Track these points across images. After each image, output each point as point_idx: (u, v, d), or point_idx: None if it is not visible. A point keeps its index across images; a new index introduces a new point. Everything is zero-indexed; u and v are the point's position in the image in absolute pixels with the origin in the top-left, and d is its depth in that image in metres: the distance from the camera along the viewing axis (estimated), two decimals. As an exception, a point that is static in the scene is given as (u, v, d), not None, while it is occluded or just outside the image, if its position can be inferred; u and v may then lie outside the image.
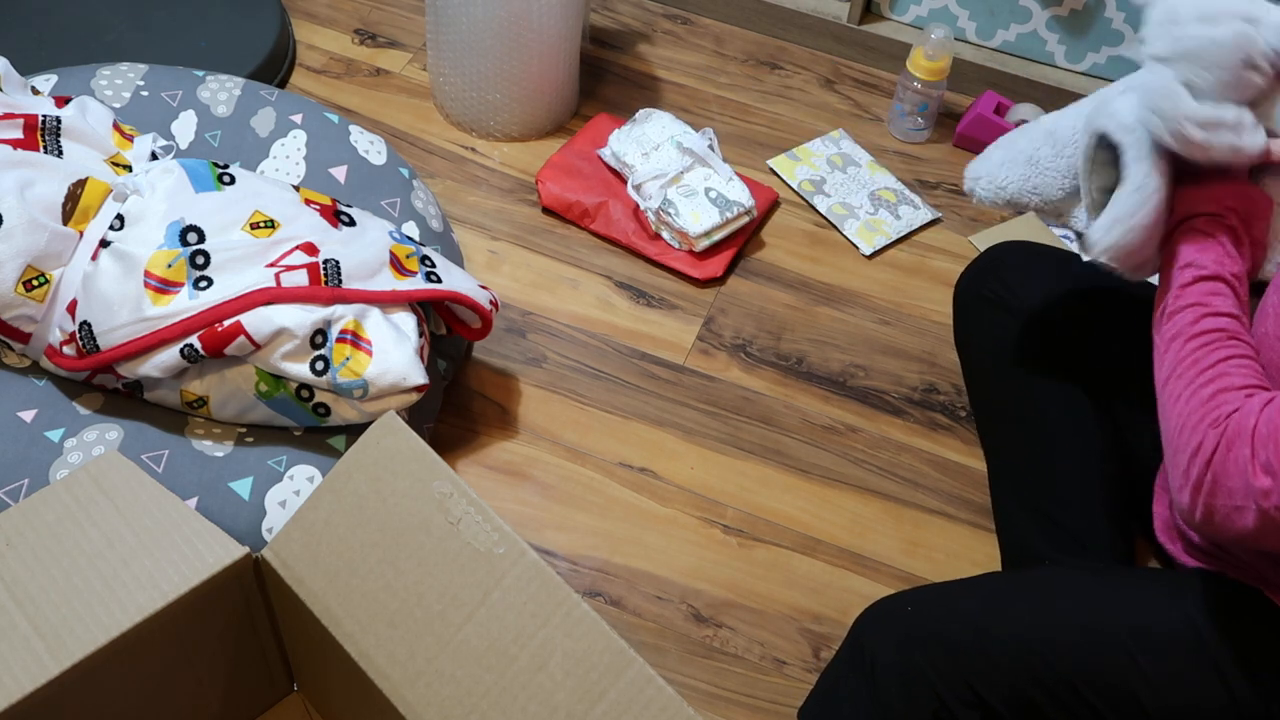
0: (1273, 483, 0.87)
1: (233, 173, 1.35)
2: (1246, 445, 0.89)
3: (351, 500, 0.97)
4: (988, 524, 1.52)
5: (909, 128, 1.97)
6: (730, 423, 1.61)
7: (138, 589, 0.93)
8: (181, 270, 1.25)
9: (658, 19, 2.16)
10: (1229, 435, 0.91)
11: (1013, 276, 1.37)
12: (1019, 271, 1.37)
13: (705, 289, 1.76)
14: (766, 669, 1.39)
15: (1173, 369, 0.99)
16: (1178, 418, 0.96)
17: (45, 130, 1.31)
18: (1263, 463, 0.87)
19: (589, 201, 1.79)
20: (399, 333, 1.30)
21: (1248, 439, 0.89)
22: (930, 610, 1.10)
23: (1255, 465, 0.88)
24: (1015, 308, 1.35)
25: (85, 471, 1.00)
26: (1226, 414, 0.92)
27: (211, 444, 1.32)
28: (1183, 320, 1.00)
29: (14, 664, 0.88)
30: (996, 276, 1.38)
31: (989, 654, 1.05)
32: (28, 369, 1.34)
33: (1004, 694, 1.05)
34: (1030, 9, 1.96)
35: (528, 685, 0.88)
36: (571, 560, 1.46)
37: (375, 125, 1.92)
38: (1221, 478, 0.90)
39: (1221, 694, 1.00)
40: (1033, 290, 1.35)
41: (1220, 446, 0.91)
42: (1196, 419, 0.94)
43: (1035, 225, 1.86)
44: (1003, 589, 1.13)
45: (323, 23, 2.08)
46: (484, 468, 1.53)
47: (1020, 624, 1.06)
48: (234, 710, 1.15)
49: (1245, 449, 0.89)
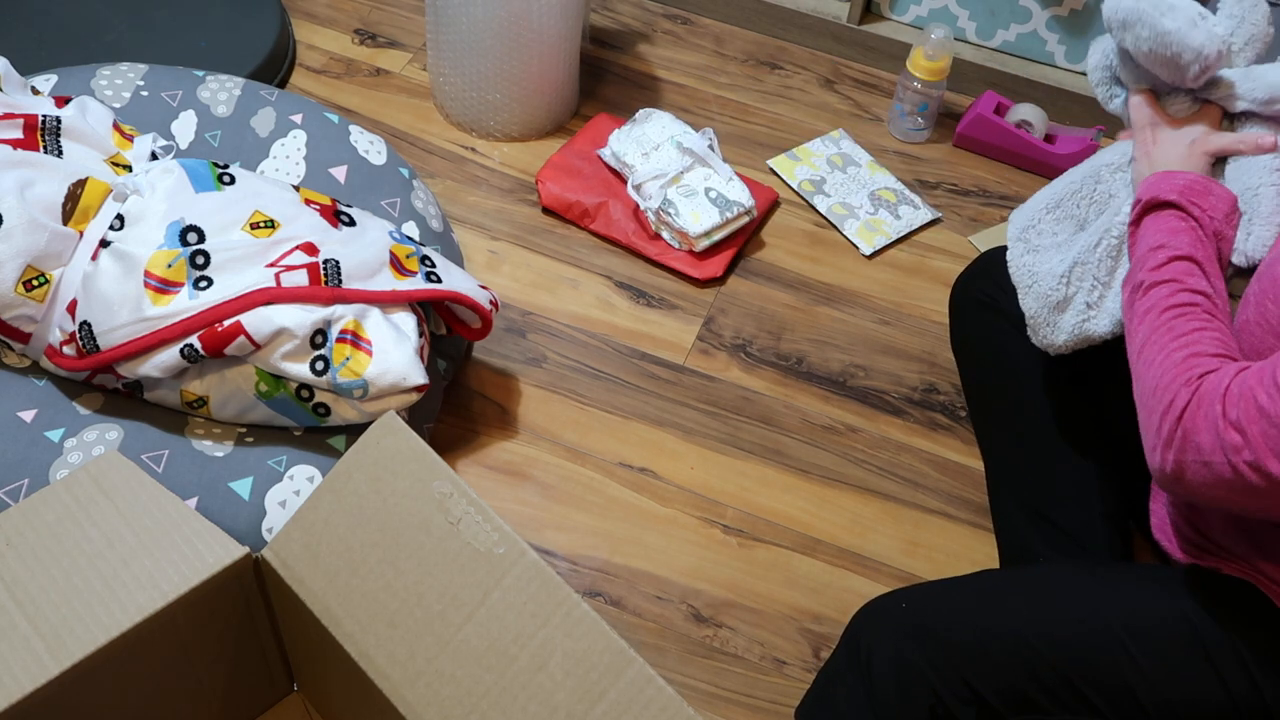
0: (1243, 439, 0.89)
1: (233, 173, 1.35)
2: (1218, 402, 0.91)
3: (351, 500, 0.97)
4: (988, 524, 1.52)
5: (909, 128, 1.97)
6: (730, 423, 1.61)
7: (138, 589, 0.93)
8: (181, 270, 1.25)
9: (658, 19, 2.16)
10: (1201, 393, 0.93)
11: (1007, 280, 1.37)
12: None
13: (705, 289, 1.76)
14: (766, 669, 1.39)
15: (1146, 337, 1.02)
16: (1152, 379, 0.99)
17: (45, 130, 1.31)
18: (1233, 420, 0.90)
19: (589, 201, 1.79)
20: (399, 333, 1.30)
21: (1219, 397, 0.91)
22: (926, 607, 1.11)
23: (1226, 422, 0.90)
24: (1010, 311, 1.35)
25: (85, 471, 1.00)
26: (1200, 374, 0.95)
27: (211, 444, 1.32)
28: (1157, 294, 1.03)
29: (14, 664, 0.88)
30: (992, 280, 1.38)
31: (985, 650, 1.06)
32: (28, 369, 1.34)
33: (1000, 690, 1.05)
34: (1030, 9, 1.96)
35: (528, 685, 0.88)
36: (571, 560, 1.46)
37: (375, 125, 1.92)
38: (1192, 433, 0.93)
39: (1216, 688, 1.01)
40: None
41: (1192, 403, 0.93)
42: (1170, 379, 0.96)
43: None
44: (998, 585, 1.14)
45: (323, 23, 2.08)
46: (484, 468, 1.53)
47: (1016, 620, 1.07)
48: (234, 710, 1.15)
49: (1217, 405, 0.91)
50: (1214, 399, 0.91)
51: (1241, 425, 0.89)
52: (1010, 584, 1.13)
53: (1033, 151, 1.92)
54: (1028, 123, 1.92)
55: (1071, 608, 1.07)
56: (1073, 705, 1.04)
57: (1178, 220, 1.07)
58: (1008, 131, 1.92)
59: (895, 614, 1.11)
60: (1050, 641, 1.05)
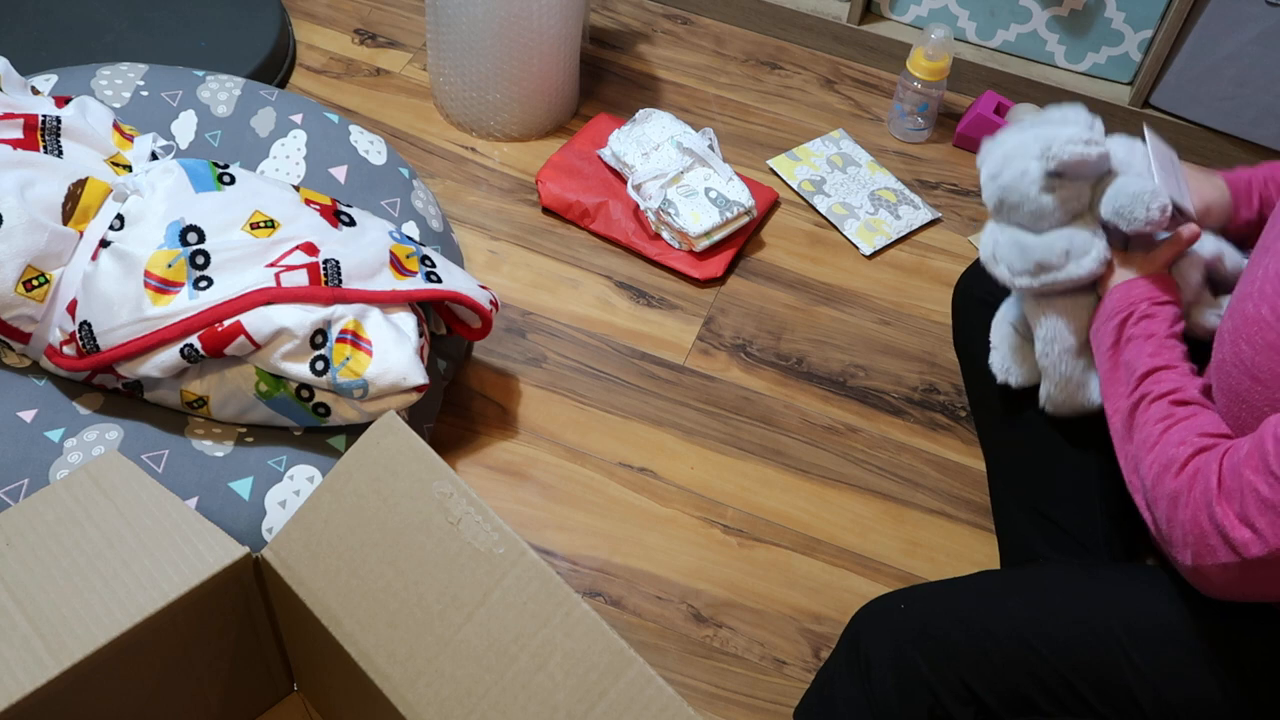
0: (1253, 534, 0.88)
1: (233, 173, 1.35)
2: (1217, 504, 0.91)
3: (351, 500, 0.97)
4: (988, 524, 1.52)
5: (909, 128, 1.97)
6: (730, 423, 1.61)
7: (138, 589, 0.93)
8: (181, 270, 1.25)
9: (658, 19, 2.16)
10: (1195, 498, 0.94)
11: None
12: None
13: (705, 289, 1.76)
14: (766, 669, 1.39)
15: (1133, 461, 1.05)
16: (1148, 496, 1.01)
17: (45, 130, 1.31)
18: (1240, 515, 0.89)
19: (589, 201, 1.79)
20: (399, 333, 1.30)
21: (1214, 497, 0.91)
22: (925, 608, 1.11)
23: (1234, 520, 0.90)
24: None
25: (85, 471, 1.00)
26: (1189, 482, 0.95)
27: (211, 444, 1.32)
28: (1141, 420, 1.05)
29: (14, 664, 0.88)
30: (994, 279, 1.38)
31: (983, 651, 1.06)
32: (28, 369, 1.34)
33: (999, 691, 1.05)
34: (1030, 9, 1.96)
35: (528, 685, 0.88)
36: (571, 560, 1.46)
37: (375, 125, 1.92)
38: (1201, 537, 0.93)
39: (1215, 691, 1.01)
40: None
41: (1190, 509, 0.94)
42: (1165, 495, 0.97)
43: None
44: (997, 586, 1.14)
45: (323, 23, 2.08)
46: (484, 468, 1.53)
47: (1014, 620, 1.07)
48: (234, 710, 1.15)
49: (1217, 508, 0.91)
50: (1209, 499, 0.92)
51: (1250, 520, 0.88)
52: (1009, 585, 1.14)
53: (1033, 151, 1.92)
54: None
55: (1070, 609, 1.07)
56: (1071, 707, 1.04)
57: (1127, 328, 1.11)
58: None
59: (894, 615, 1.11)
60: (1049, 643, 1.05)
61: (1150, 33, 1.91)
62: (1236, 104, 1.89)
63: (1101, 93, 1.99)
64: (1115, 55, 1.96)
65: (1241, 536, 0.89)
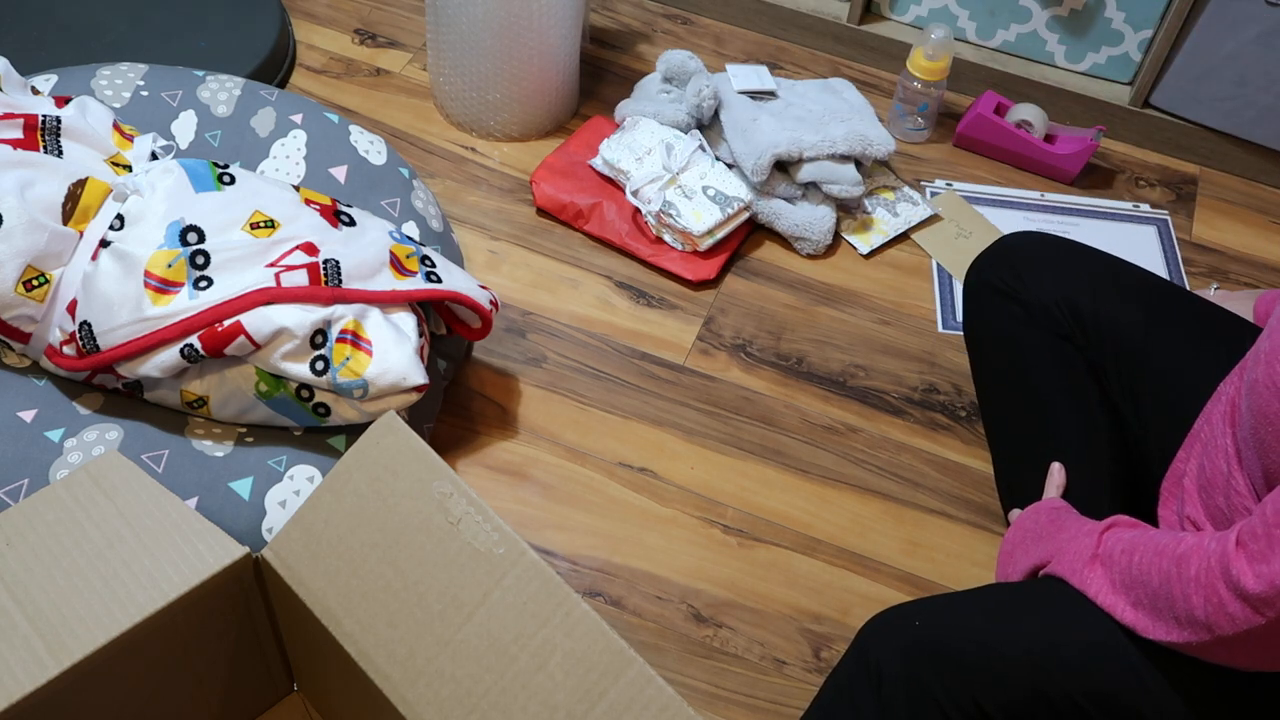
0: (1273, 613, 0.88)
1: (233, 173, 1.35)
2: (1231, 604, 0.90)
3: (351, 500, 0.97)
4: (988, 524, 1.52)
5: (909, 127, 1.97)
6: (730, 423, 1.61)
7: (138, 589, 0.93)
8: (181, 270, 1.25)
9: (658, 19, 2.16)
10: (1210, 608, 0.92)
11: (1024, 266, 1.35)
12: (1030, 261, 1.35)
13: (705, 289, 1.76)
14: (766, 669, 1.39)
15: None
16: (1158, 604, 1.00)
17: (45, 130, 1.31)
18: (1255, 601, 0.88)
19: (583, 202, 1.79)
20: (399, 333, 1.30)
21: (1228, 596, 0.90)
22: (936, 622, 1.09)
23: (1249, 612, 0.89)
24: (1025, 299, 1.33)
25: (85, 471, 1.00)
26: (1192, 578, 0.94)
27: (211, 444, 1.32)
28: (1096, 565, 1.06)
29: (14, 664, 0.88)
30: (1008, 266, 1.36)
31: (995, 669, 1.04)
32: (28, 369, 1.34)
33: (1009, 709, 1.03)
34: (1030, 9, 1.96)
35: (528, 685, 0.88)
36: (571, 560, 1.46)
37: (375, 125, 1.92)
38: (1227, 627, 0.91)
39: (1225, 716, 1.00)
40: (1043, 281, 1.32)
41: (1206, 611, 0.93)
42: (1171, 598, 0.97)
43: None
44: (1010, 602, 1.11)
45: (323, 23, 2.08)
46: (484, 468, 1.53)
47: (1027, 639, 1.05)
48: (234, 710, 1.15)
49: (1230, 608, 0.90)
50: (1224, 598, 0.91)
51: (1269, 602, 0.88)
52: (1022, 601, 1.11)
53: (1033, 151, 1.92)
54: (1028, 123, 1.92)
55: (1082, 628, 1.05)
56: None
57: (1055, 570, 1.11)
58: (1008, 131, 1.92)
59: (906, 629, 1.09)
60: (1060, 662, 1.03)
61: (1150, 33, 1.91)
62: (1236, 104, 1.89)
63: (1101, 93, 1.99)
64: (1115, 55, 1.96)
65: (1258, 622, 0.88)
